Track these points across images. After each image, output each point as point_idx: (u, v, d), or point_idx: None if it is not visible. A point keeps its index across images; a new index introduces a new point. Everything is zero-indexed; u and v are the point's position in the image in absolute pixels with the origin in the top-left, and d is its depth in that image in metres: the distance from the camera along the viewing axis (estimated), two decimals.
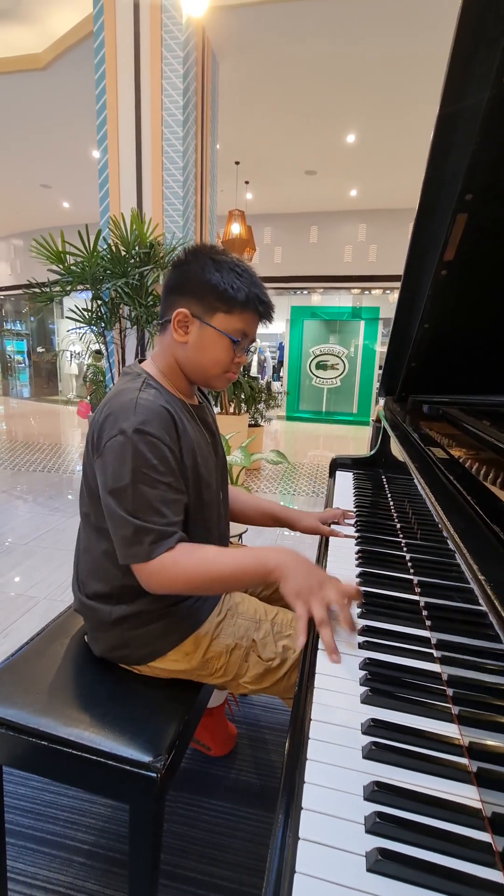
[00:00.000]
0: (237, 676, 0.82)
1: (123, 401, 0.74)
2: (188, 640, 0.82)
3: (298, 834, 0.36)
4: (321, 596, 0.65)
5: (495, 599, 0.32)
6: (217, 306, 0.78)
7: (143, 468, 0.71)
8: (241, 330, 0.81)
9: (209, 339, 0.80)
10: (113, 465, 0.72)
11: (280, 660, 0.81)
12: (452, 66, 0.61)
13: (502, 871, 0.34)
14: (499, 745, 0.41)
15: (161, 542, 0.71)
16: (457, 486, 0.60)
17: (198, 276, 0.78)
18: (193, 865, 0.98)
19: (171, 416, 0.76)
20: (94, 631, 0.86)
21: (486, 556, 0.39)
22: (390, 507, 1.12)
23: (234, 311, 0.79)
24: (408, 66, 3.50)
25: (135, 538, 0.71)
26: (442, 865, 0.34)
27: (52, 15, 3.78)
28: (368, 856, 0.35)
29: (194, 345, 0.81)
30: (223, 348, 0.81)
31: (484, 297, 0.97)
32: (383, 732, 0.46)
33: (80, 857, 0.99)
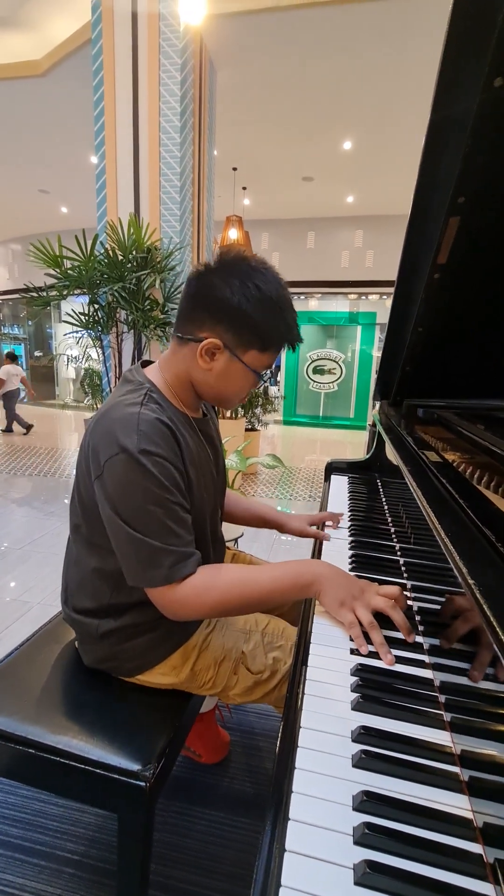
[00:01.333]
0: (226, 689, 0.81)
1: (124, 415, 0.69)
2: (176, 653, 0.81)
3: (285, 846, 0.36)
4: (365, 601, 0.63)
5: (484, 603, 0.32)
6: (253, 342, 0.73)
7: (154, 488, 0.67)
8: (269, 366, 0.78)
9: (236, 373, 0.75)
10: (121, 485, 0.67)
11: (270, 672, 0.79)
12: (442, 73, 0.61)
13: (493, 884, 0.33)
14: (491, 753, 0.40)
15: (181, 565, 0.68)
16: (449, 489, 0.59)
17: (237, 307, 0.70)
18: (184, 876, 0.96)
19: (174, 434, 0.72)
20: (82, 643, 0.85)
21: (476, 560, 0.38)
22: (385, 511, 1.11)
23: (270, 349, 0.75)
24: (403, 74, 3.54)
25: (153, 561, 0.67)
26: (432, 878, 0.33)
27: (51, 22, 3.81)
28: (356, 868, 0.34)
29: (219, 374, 0.75)
30: (248, 383, 0.78)
31: (477, 300, 0.97)
32: (374, 740, 0.45)
33: (69, 868, 0.97)
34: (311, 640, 0.61)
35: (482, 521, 0.48)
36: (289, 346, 0.79)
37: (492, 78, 0.58)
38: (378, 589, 0.66)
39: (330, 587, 0.67)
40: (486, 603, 0.31)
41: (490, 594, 0.33)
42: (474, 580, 0.34)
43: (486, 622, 0.30)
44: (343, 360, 8.42)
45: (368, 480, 1.42)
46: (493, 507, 0.54)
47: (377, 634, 0.59)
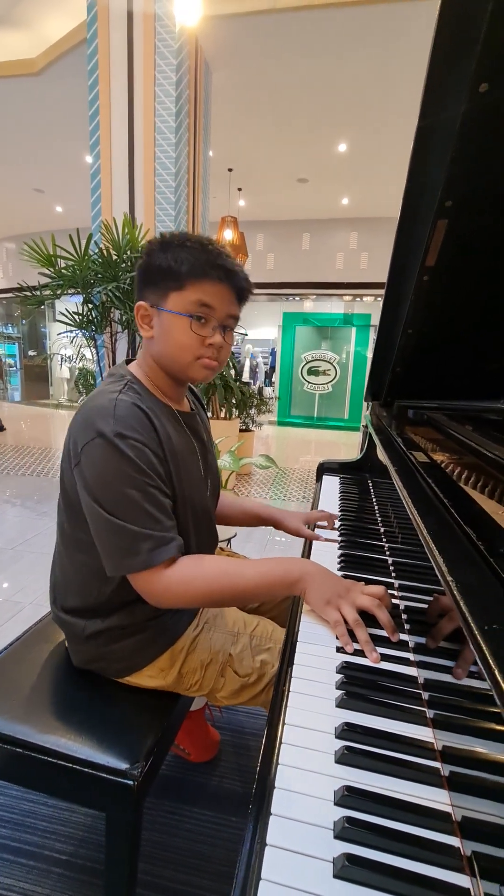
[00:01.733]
0: (213, 691, 0.80)
1: (101, 402, 0.70)
2: (164, 655, 0.80)
3: (266, 840, 0.36)
4: (350, 600, 0.64)
5: (461, 600, 0.32)
6: (168, 286, 0.72)
7: (131, 472, 0.67)
8: (198, 301, 0.72)
9: (169, 324, 0.74)
10: (97, 470, 0.67)
11: (257, 675, 0.78)
12: (429, 79, 0.62)
13: (469, 876, 0.34)
14: (472, 749, 0.41)
15: (160, 550, 0.67)
16: (434, 489, 0.60)
17: (145, 264, 0.74)
18: (173, 875, 0.96)
19: (150, 421, 0.72)
20: (70, 643, 0.84)
21: (456, 558, 0.39)
22: (375, 512, 1.12)
23: (186, 285, 0.71)
24: (398, 77, 3.56)
25: (131, 546, 0.66)
26: (409, 870, 0.34)
27: (47, 21, 3.80)
28: (335, 861, 0.34)
29: (159, 336, 0.75)
30: (183, 330, 0.73)
31: (465, 302, 0.98)
32: (357, 736, 0.46)
33: (58, 868, 0.96)
34: (297, 638, 0.62)
35: (465, 520, 0.48)
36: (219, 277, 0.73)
37: (477, 83, 0.59)
38: (364, 588, 0.66)
39: (316, 585, 0.67)
40: (462, 600, 0.32)
41: (468, 592, 0.33)
42: (453, 578, 0.35)
43: (463, 619, 0.31)
44: (337, 362, 8.44)
45: (360, 481, 1.43)
46: (477, 506, 0.54)
47: (362, 632, 0.60)
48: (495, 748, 0.34)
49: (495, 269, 0.91)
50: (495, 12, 0.53)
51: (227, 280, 0.74)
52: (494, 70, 0.58)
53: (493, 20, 0.54)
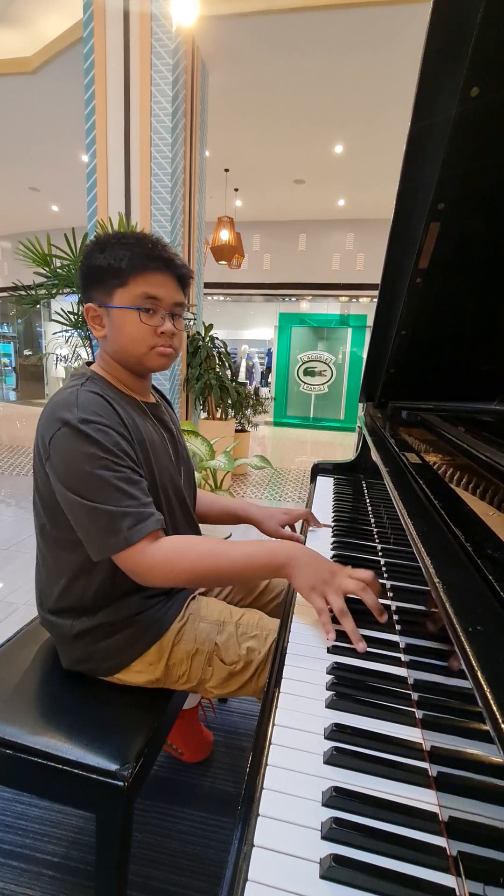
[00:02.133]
0: (202, 682, 0.80)
1: (64, 395, 0.72)
2: (151, 649, 0.80)
3: (253, 841, 0.36)
4: (335, 585, 0.63)
5: (447, 601, 0.32)
6: (112, 284, 0.74)
7: (100, 453, 0.67)
8: (144, 294, 0.74)
9: (118, 321, 0.75)
10: (67, 458, 0.68)
11: (244, 662, 0.78)
12: (421, 83, 0.62)
13: (455, 876, 0.34)
14: (460, 749, 0.41)
15: (140, 525, 0.67)
16: (425, 490, 0.60)
17: (86, 266, 0.76)
18: (165, 876, 0.96)
19: (115, 409, 0.73)
20: (58, 644, 0.84)
21: (443, 560, 0.39)
22: (368, 512, 1.12)
23: (128, 280, 0.74)
24: (394, 79, 3.57)
25: (110, 526, 0.66)
26: (395, 871, 0.34)
27: (42, 19, 3.79)
28: (322, 862, 0.34)
29: (111, 333, 0.77)
30: (133, 323, 0.75)
31: (458, 304, 0.99)
32: (346, 737, 0.46)
33: (49, 871, 0.96)
34: (289, 638, 0.62)
35: (454, 522, 0.49)
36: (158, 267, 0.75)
37: (468, 88, 0.59)
38: (351, 572, 0.66)
39: (302, 569, 0.67)
40: (448, 601, 0.32)
41: (454, 593, 0.33)
42: (440, 579, 0.35)
43: (448, 620, 0.31)
44: (333, 362, 8.46)
45: (354, 482, 1.43)
46: (466, 508, 0.55)
47: (348, 621, 0.59)
48: (481, 748, 0.34)
49: (488, 271, 0.92)
50: (485, 18, 0.54)
51: (167, 269, 0.76)
52: (485, 74, 0.58)
53: (483, 25, 0.54)
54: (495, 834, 0.31)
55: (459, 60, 0.58)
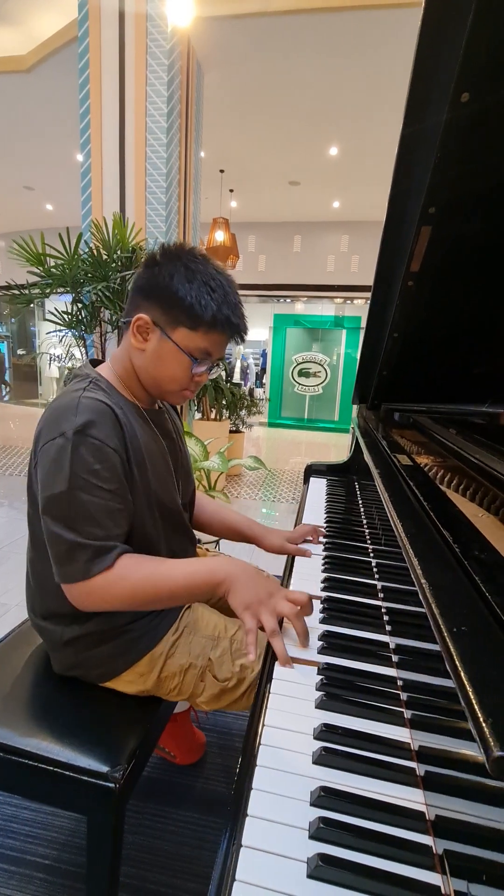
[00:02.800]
0: (193, 696, 0.79)
1: (65, 402, 0.69)
2: (143, 660, 0.78)
3: (241, 841, 0.36)
4: (271, 607, 0.63)
5: (433, 602, 0.33)
6: (181, 320, 0.73)
7: (82, 473, 0.65)
8: (205, 350, 0.75)
9: (167, 354, 0.75)
10: (49, 470, 0.66)
11: (237, 680, 0.77)
12: (412, 87, 0.63)
13: (440, 874, 0.34)
14: (448, 749, 0.42)
15: (98, 559, 0.65)
16: (415, 492, 0.61)
17: (166, 283, 0.72)
18: (158, 878, 0.96)
19: (117, 417, 0.71)
20: (49, 649, 0.83)
21: (431, 561, 0.39)
22: (360, 514, 1.13)
23: (200, 329, 0.73)
24: (389, 83, 3.59)
25: (69, 556, 0.65)
26: (382, 870, 0.34)
27: (37, 18, 3.78)
28: (309, 861, 0.35)
29: (152, 355, 0.76)
30: (181, 366, 0.75)
31: (450, 307, 1.00)
32: (335, 737, 0.46)
33: (40, 873, 0.96)
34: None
35: (443, 523, 0.49)
36: (228, 332, 0.75)
37: (458, 93, 0.60)
38: (287, 594, 0.65)
39: (239, 588, 0.66)
40: (434, 602, 0.33)
41: (440, 594, 0.34)
42: (427, 580, 0.36)
43: (434, 621, 0.31)
44: (328, 364, 8.49)
45: (346, 483, 1.44)
46: (455, 509, 0.55)
47: (278, 643, 0.59)
48: (467, 747, 0.34)
49: (479, 274, 0.92)
50: (475, 23, 0.54)
51: (233, 335, 0.77)
52: (475, 80, 0.59)
53: (473, 31, 0.55)
54: (480, 832, 0.31)
55: (450, 66, 0.58)
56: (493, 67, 0.58)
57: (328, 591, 0.75)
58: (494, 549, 0.42)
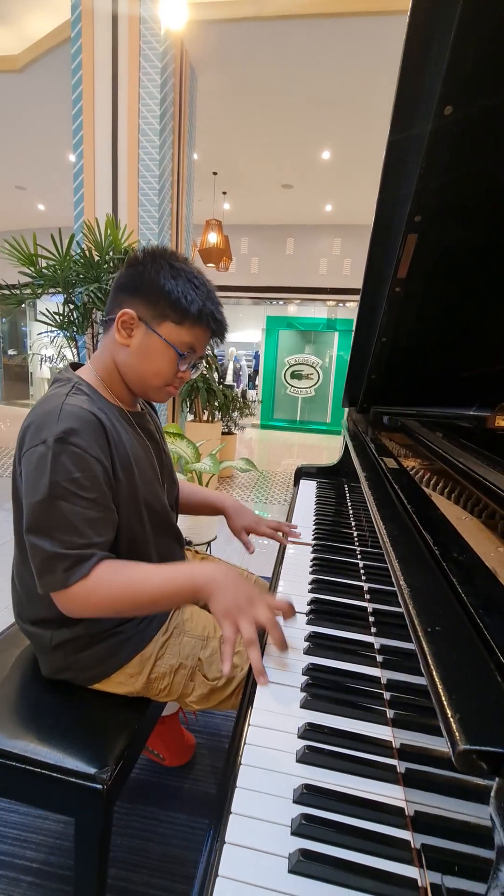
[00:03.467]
0: (183, 696, 0.80)
1: (47, 409, 0.69)
2: (133, 661, 0.79)
3: (225, 838, 0.37)
4: (251, 614, 0.62)
5: (410, 602, 0.34)
6: (167, 314, 0.74)
7: (62, 482, 0.64)
8: (190, 344, 0.77)
9: (153, 348, 0.75)
10: (30, 478, 0.66)
11: (226, 679, 0.78)
12: (399, 98, 0.64)
13: (418, 867, 0.35)
14: (427, 746, 0.43)
15: (77, 568, 0.65)
16: (399, 494, 0.62)
17: (152, 280, 0.73)
18: (147, 880, 0.96)
19: (102, 424, 0.71)
20: (38, 653, 0.83)
21: (410, 562, 0.40)
22: (349, 516, 1.14)
23: (185, 323, 0.75)
24: (381, 88, 3.63)
25: (48, 566, 0.65)
26: (361, 864, 0.35)
27: (30, 17, 3.76)
28: (291, 857, 0.36)
29: (137, 350, 0.76)
30: (167, 360, 0.76)
31: (437, 313, 1.02)
32: (319, 736, 0.47)
33: (28, 877, 0.95)
34: (267, 640, 0.63)
35: (424, 525, 0.50)
36: (211, 327, 0.77)
37: (442, 106, 0.62)
38: (268, 601, 0.65)
39: (219, 595, 0.64)
40: (411, 602, 0.34)
41: (417, 594, 0.35)
42: (405, 581, 0.37)
43: (410, 621, 0.32)
44: (320, 366, 8.52)
45: (336, 485, 1.45)
46: (438, 512, 0.56)
47: (254, 653, 0.58)
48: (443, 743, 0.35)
49: (464, 282, 0.94)
50: (457, 38, 0.56)
51: (215, 330, 0.79)
52: (458, 94, 0.60)
53: (455, 46, 0.56)
54: (456, 826, 0.32)
55: (434, 79, 0.60)
56: (476, 82, 0.59)
57: (315, 593, 0.76)
58: (473, 552, 0.43)
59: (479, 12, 0.53)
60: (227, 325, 0.81)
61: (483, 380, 1.24)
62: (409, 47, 0.60)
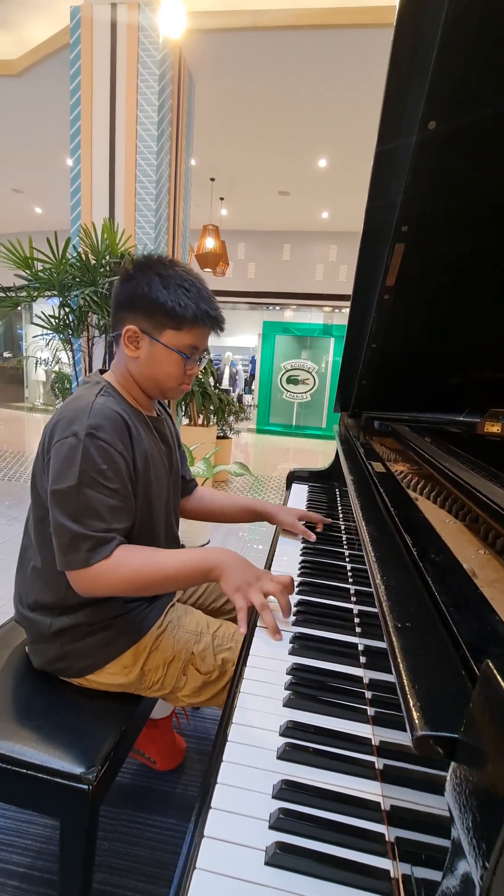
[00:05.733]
0: (175, 690, 0.82)
1: (79, 405, 0.75)
2: (127, 652, 0.82)
3: (204, 832, 0.38)
4: (258, 587, 0.70)
5: (383, 600, 0.35)
6: (166, 323, 0.79)
7: (90, 472, 0.71)
8: (191, 345, 0.82)
9: (160, 356, 0.81)
10: (60, 466, 0.72)
11: (219, 672, 0.81)
12: (385, 111, 0.66)
13: (391, 859, 0.36)
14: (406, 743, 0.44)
15: (99, 549, 0.71)
16: (384, 498, 0.63)
17: (145, 294, 0.78)
18: (134, 885, 0.96)
19: (125, 422, 0.77)
20: (34, 643, 0.85)
21: (387, 562, 0.41)
22: (339, 519, 1.15)
23: (184, 327, 0.80)
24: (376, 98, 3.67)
25: (72, 545, 0.70)
26: (336, 856, 0.36)
27: (29, 23, 3.79)
28: (268, 850, 0.36)
29: (146, 360, 0.82)
30: (174, 363, 0.82)
31: (425, 320, 1.03)
32: (300, 734, 0.48)
33: (13, 881, 0.95)
34: (253, 639, 0.64)
35: (405, 528, 0.51)
36: (208, 325, 0.82)
37: (426, 121, 0.64)
38: (272, 577, 0.73)
39: (229, 573, 0.72)
40: (385, 599, 0.35)
41: (391, 592, 0.36)
42: (381, 579, 0.38)
43: (382, 617, 0.34)
44: (316, 371, 8.56)
45: (328, 489, 1.46)
46: (419, 514, 0.58)
47: (267, 615, 0.67)
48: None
49: (451, 289, 0.96)
50: (440, 55, 0.58)
51: (213, 326, 0.84)
52: (441, 109, 0.62)
53: (438, 63, 0.58)
54: (429, 819, 0.33)
55: (418, 95, 0.62)
56: (458, 98, 0.61)
57: (302, 595, 0.77)
58: (451, 553, 0.45)
59: (461, 33, 0.55)
60: (223, 318, 0.85)
61: (473, 386, 1.26)
62: (395, 64, 0.62)
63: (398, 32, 0.58)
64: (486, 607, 0.34)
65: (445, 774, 0.28)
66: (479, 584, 0.39)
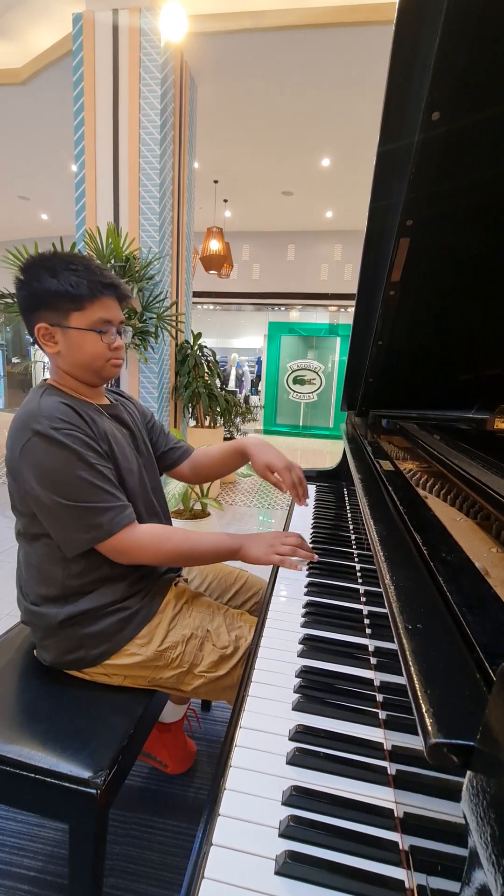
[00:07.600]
0: (193, 666, 0.84)
1: (28, 409, 0.78)
2: (142, 631, 0.85)
3: (212, 840, 0.37)
4: (279, 545, 0.85)
5: (394, 601, 0.34)
6: (68, 308, 0.80)
7: (74, 457, 0.74)
8: (101, 319, 0.82)
9: (76, 340, 0.82)
10: (42, 464, 0.74)
11: (233, 647, 0.85)
12: (387, 105, 0.65)
13: (406, 869, 0.35)
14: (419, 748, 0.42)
15: (120, 517, 0.76)
16: (393, 496, 0.62)
17: (39, 290, 0.80)
18: (145, 889, 0.95)
19: (77, 413, 0.79)
20: (43, 638, 0.85)
21: (397, 562, 0.40)
22: (347, 519, 1.14)
23: (85, 305, 0.81)
24: (379, 96, 3.66)
25: (92, 521, 0.74)
26: (348, 865, 0.35)
27: (32, 31, 3.83)
28: (278, 858, 0.35)
29: (66, 350, 0.83)
30: (92, 342, 0.83)
31: (431, 316, 1.02)
32: (310, 738, 0.47)
33: (25, 885, 0.94)
34: (261, 643, 0.63)
35: (415, 526, 0.50)
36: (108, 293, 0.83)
37: (430, 112, 0.62)
38: (283, 538, 0.87)
39: (252, 547, 0.85)
40: (395, 601, 0.34)
41: (401, 593, 0.35)
42: (391, 580, 0.37)
43: (392, 618, 0.32)
44: (322, 371, 8.53)
45: (335, 489, 1.45)
46: (430, 513, 0.56)
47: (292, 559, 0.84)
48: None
49: (459, 284, 0.95)
50: (442, 44, 0.56)
51: (115, 294, 0.85)
52: (445, 99, 0.61)
53: (440, 52, 0.57)
54: (445, 827, 0.32)
55: (421, 85, 0.61)
56: (462, 88, 0.60)
57: (310, 596, 0.76)
58: (462, 552, 0.43)
59: (464, 22, 0.54)
60: (121, 283, 0.86)
61: (483, 382, 1.24)
62: (397, 53, 0.61)
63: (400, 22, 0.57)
64: (500, 607, 0.33)
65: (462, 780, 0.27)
66: (492, 584, 0.38)
